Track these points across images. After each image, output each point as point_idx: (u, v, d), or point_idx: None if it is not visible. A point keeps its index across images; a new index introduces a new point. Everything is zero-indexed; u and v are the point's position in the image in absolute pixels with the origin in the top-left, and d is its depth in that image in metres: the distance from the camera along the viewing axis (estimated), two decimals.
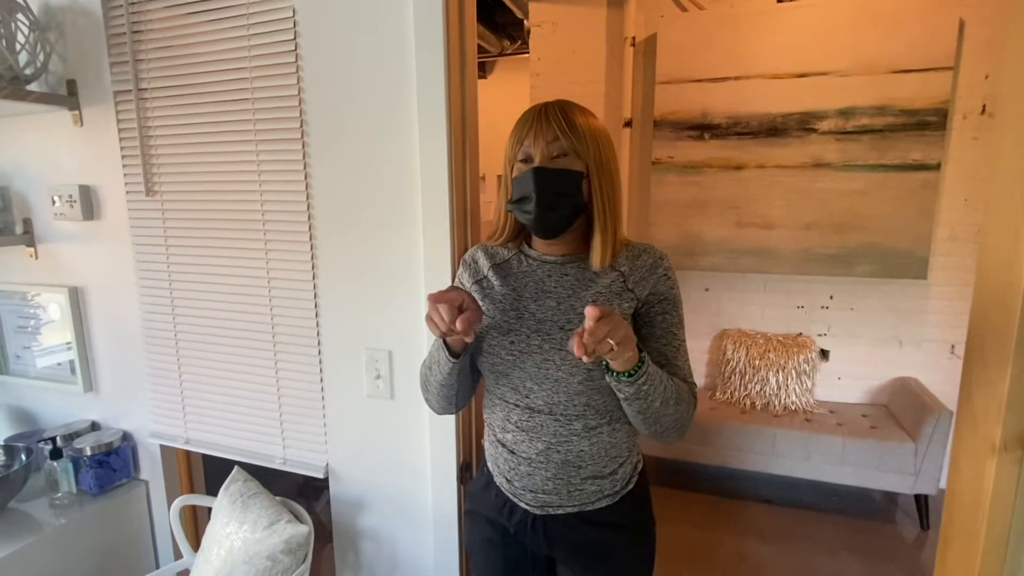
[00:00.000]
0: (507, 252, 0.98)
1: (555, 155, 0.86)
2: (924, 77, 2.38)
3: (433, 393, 0.97)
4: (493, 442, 0.98)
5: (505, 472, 0.95)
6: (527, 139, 0.87)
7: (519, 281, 0.94)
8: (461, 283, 1.00)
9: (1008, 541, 0.79)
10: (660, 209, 2.84)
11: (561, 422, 0.89)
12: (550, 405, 0.88)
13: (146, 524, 1.60)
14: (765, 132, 2.61)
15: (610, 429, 0.91)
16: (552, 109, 0.87)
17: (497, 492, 0.98)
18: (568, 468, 0.90)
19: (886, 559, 2.21)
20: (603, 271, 0.91)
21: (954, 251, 2.55)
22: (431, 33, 1.07)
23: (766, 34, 2.55)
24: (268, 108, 1.23)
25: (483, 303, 0.93)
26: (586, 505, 0.92)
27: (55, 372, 1.60)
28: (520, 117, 0.91)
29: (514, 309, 0.91)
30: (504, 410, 0.93)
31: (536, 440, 0.90)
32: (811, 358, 2.72)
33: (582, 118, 0.88)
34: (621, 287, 0.90)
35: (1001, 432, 0.76)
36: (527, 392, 0.90)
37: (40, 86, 1.41)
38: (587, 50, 2.79)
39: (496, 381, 0.93)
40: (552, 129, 0.85)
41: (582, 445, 0.89)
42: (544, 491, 0.91)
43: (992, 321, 0.80)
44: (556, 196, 0.85)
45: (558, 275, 0.92)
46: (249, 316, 1.34)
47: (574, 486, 0.91)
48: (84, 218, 1.45)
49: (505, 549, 0.98)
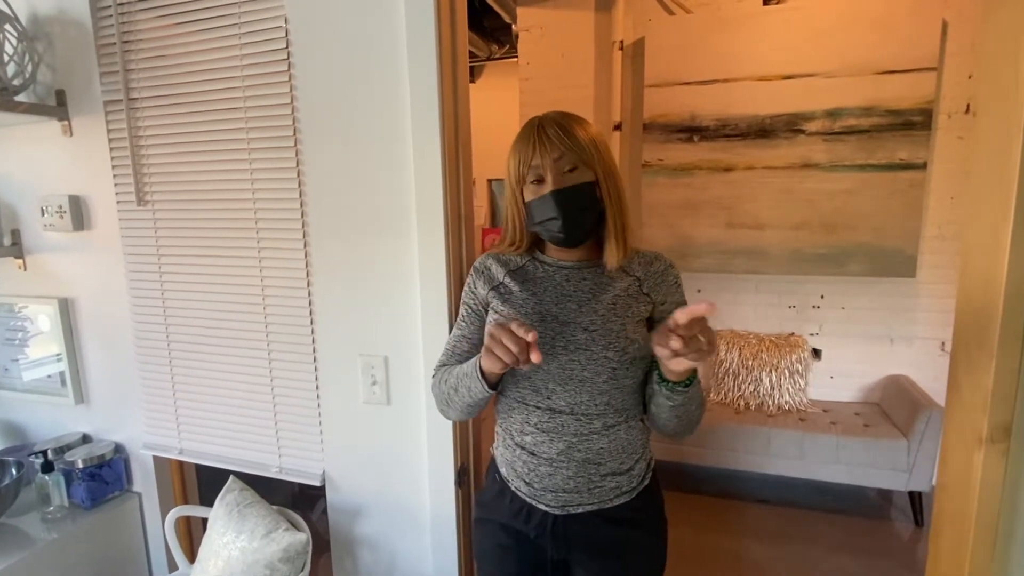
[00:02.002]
0: (520, 259, 1.00)
1: (566, 170, 0.89)
2: (909, 78, 2.42)
3: (457, 410, 0.98)
4: (510, 446, 0.98)
5: (524, 475, 0.96)
6: (534, 159, 0.89)
7: (538, 286, 0.96)
8: (474, 291, 1.01)
9: (997, 529, 0.80)
10: (651, 211, 2.86)
11: (582, 421, 0.91)
12: (572, 405, 0.91)
13: (140, 537, 1.58)
14: (754, 134, 2.64)
15: (627, 427, 0.94)
16: (549, 125, 0.89)
17: (513, 497, 0.98)
18: (588, 466, 0.92)
19: (881, 556, 2.23)
20: (619, 276, 0.95)
21: (942, 249, 2.59)
22: (423, 39, 1.08)
23: (753, 37, 2.59)
24: (261, 116, 1.23)
25: (504, 308, 0.95)
26: (605, 502, 0.94)
27: (45, 384, 1.58)
28: (518, 135, 0.92)
29: (536, 313, 0.93)
30: (523, 413, 0.95)
31: (557, 440, 0.92)
32: (803, 358, 2.74)
33: (579, 128, 0.90)
34: (637, 291, 0.94)
35: (987, 424, 0.78)
36: (549, 393, 0.91)
37: (29, 96, 1.40)
38: (576, 54, 2.81)
39: (516, 385, 0.94)
40: (556, 146, 0.88)
41: (601, 443, 0.92)
42: (565, 490, 0.93)
43: (976, 316, 0.81)
44: (579, 211, 0.89)
45: (576, 279, 0.95)
46: (243, 324, 1.33)
47: (594, 483, 0.93)
48: (74, 228, 1.44)
49: (520, 554, 0.99)
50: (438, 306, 1.16)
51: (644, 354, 0.92)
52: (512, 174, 0.93)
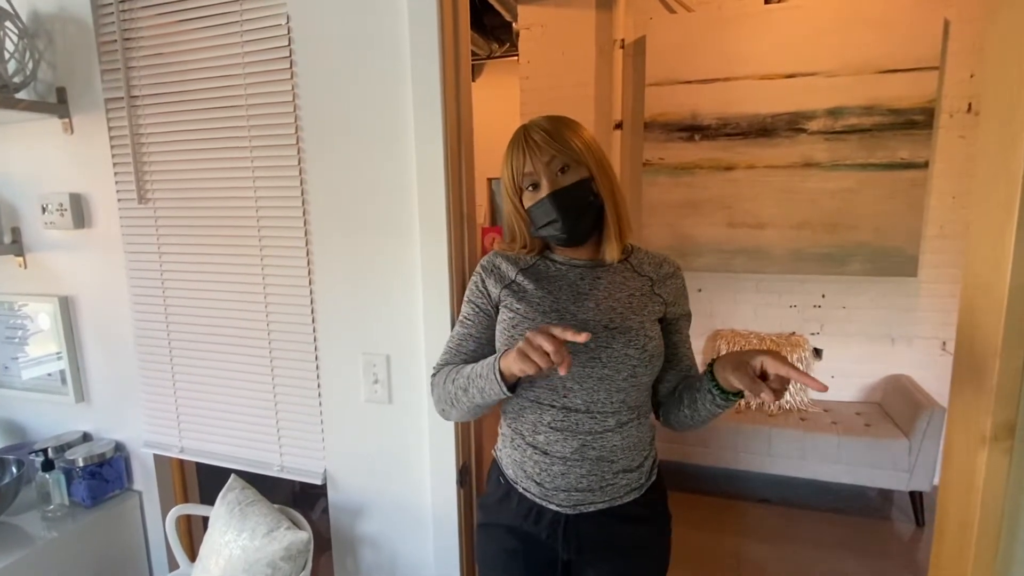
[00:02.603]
0: (530, 258, 1.00)
1: (559, 170, 0.90)
2: (911, 77, 2.42)
3: (462, 411, 0.96)
4: (519, 447, 0.97)
5: (534, 476, 0.95)
6: (526, 167, 0.90)
7: (553, 284, 0.96)
8: (483, 290, 0.99)
9: (1000, 528, 0.81)
10: (652, 211, 2.85)
11: (597, 419, 0.91)
12: (588, 403, 0.91)
13: (140, 535, 1.58)
14: (755, 133, 2.64)
15: (638, 424, 0.95)
16: (535, 131, 0.90)
17: (520, 499, 0.97)
18: (602, 464, 0.93)
19: (882, 556, 2.23)
20: (631, 276, 0.97)
21: (943, 248, 2.59)
22: (426, 37, 1.08)
23: (754, 35, 2.58)
24: (262, 115, 1.22)
25: (520, 306, 0.94)
26: (616, 500, 0.95)
27: (45, 383, 1.58)
28: (508, 146, 0.94)
29: (554, 311, 0.92)
30: (535, 413, 0.94)
31: (571, 439, 0.92)
32: (804, 357, 2.74)
33: (565, 128, 0.91)
34: (650, 291, 0.96)
35: (991, 423, 0.78)
36: (565, 392, 0.91)
37: (29, 94, 1.40)
38: (576, 53, 2.81)
39: (531, 385, 0.93)
40: (545, 149, 0.89)
41: (615, 440, 0.93)
42: (578, 489, 0.93)
43: (980, 314, 0.81)
44: (578, 209, 0.90)
45: (590, 278, 0.96)
46: (245, 322, 1.33)
47: (607, 481, 0.93)
48: (75, 226, 1.44)
49: (528, 558, 0.97)
50: (440, 304, 1.16)
51: (661, 352, 0.94)
52: (508, 186, 0.94)
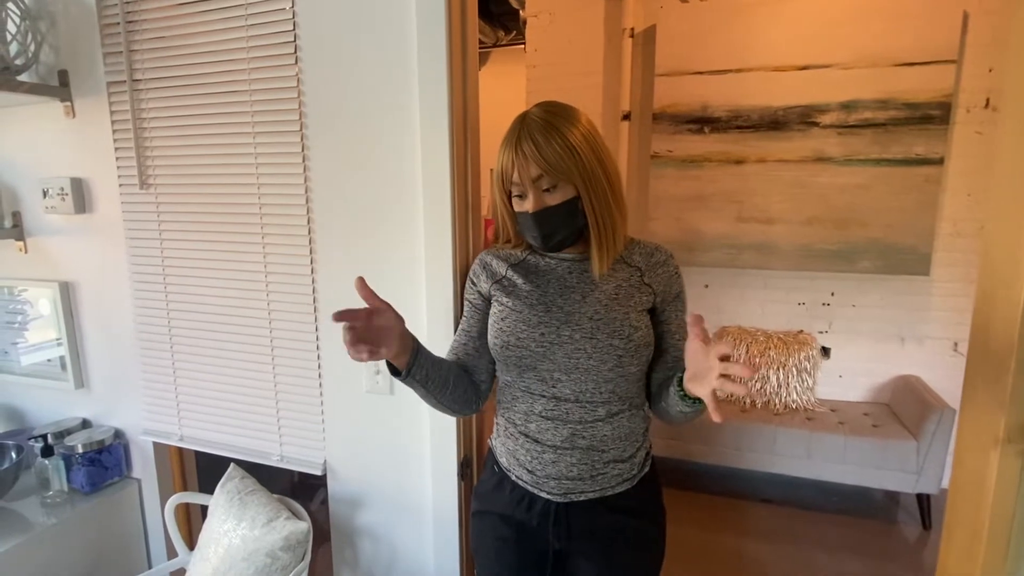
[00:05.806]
0: (520, 253, 1.01)
1: (545, 188, 0.89)
2: (927, 70, 2.36)
3: (431, 405, 0.98)
4: (512, 435, 0.99)
5: (526, 464, 0.96)
6: (513, 176, 0.89)
7: (541, 278, 0.97)
8: (476, 288, 1.02)
9: (1011, 531, 0.79)
10: (659, 204, 2.82)
11: (587, 408, 0.92)
12: (576, 393, 0.92)
13: (139, 523, 1.58)
14: (766, 126, 2.59)
15: (630, 415, 0.96)
16: (526, 140, 0.87)
17: (513, 487, 0.99)
18: (592, 453, 0.94)
19: (887, 559, 2.20)
20: (620, 267, 0.96)
21: (957, 247, 2.54)
22: (433, 23, 1.06)
23: (767, 26, 2.53)
24: (266, 100, 1.21)
25: (508, 300, 0.96)
26: (607, 489, 0.95)
27: (45, 368, 1.58)
28: (504, 138, 0.91)
29: (541, 304, 0.94)
30: (527, 402, 0.96)
31: (562, 427, 0.93)
32: (812, 355, 2.70)
33: (561, 135, 0.86)
34: (639, 281, 0.95)
35: (1004, 424, 0.78)
36: (554, 382, 0.93)
37: (31, 77, 1.39)
38: (585, 41, 2.76)
39: (520, 375, 0.95)
40: (534, 167, 0.87)
41: (605, 430, 0.93)
42: (568, 477, 0.94)
43: (995, 314, 0.80)
44: (559, 228, 0.91)
45: (579, 271, 0.96)
46: (246, 310, 1.32)
47: (597, 470, 0.94)
48: (76, 211, 1.43)
49: (520, 545, 0.99)
50: (443, 294, 1.14)
51: (648, 342, 0.93)
52: (498, 182, 0.93)
